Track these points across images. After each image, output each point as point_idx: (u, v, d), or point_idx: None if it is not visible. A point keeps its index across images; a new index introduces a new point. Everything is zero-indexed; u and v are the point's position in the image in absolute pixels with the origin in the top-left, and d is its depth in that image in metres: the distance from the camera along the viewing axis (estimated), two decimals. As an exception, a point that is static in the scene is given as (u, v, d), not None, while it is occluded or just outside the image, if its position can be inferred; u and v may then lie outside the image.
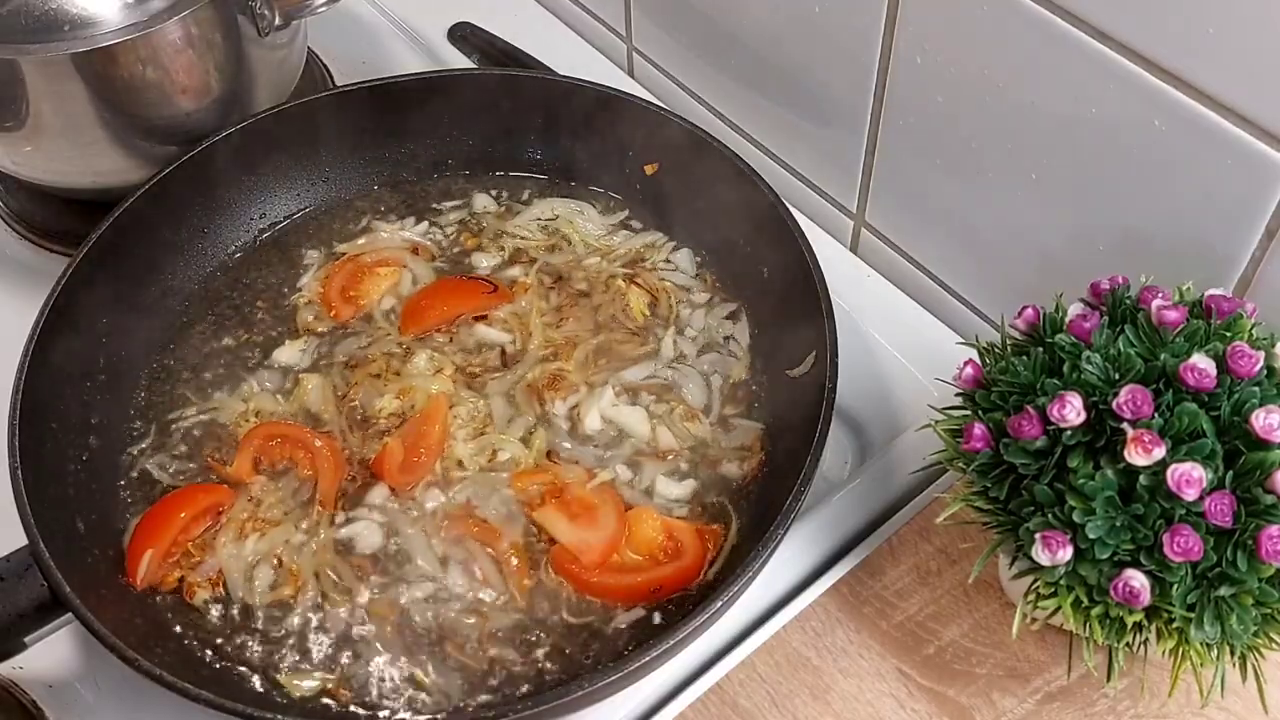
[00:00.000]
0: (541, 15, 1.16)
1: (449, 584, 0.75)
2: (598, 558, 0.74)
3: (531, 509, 0.77)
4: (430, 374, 0.83)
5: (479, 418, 0.81)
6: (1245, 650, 0.60)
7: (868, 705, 0.71)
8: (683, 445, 0.80)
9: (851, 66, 0.86)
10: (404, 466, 0.79)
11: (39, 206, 0.99)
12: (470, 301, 0.87)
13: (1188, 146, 0.68)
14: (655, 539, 0.76)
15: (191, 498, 0.78)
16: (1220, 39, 0.63)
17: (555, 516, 0.76)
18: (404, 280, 0.90)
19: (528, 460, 0.79)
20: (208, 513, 0.77)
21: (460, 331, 0.86)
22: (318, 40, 1.07)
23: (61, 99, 0.84)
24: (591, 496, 0.77)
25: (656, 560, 0.75)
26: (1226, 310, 0.63)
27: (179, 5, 0.83)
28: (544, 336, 0.85)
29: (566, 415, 0.81)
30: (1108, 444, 0.59)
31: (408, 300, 0.88)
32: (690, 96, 1.05)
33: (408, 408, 0.82)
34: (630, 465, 0.79)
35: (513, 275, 0.90)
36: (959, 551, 0.76)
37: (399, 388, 0.82)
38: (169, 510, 0.77)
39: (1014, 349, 0.66)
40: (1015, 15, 0.72)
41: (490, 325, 0.86)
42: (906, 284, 0.93)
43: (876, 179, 0.91)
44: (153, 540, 0.75)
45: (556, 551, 0.75)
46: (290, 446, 0.80)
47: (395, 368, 0.84)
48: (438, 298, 0.88)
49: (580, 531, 0.75)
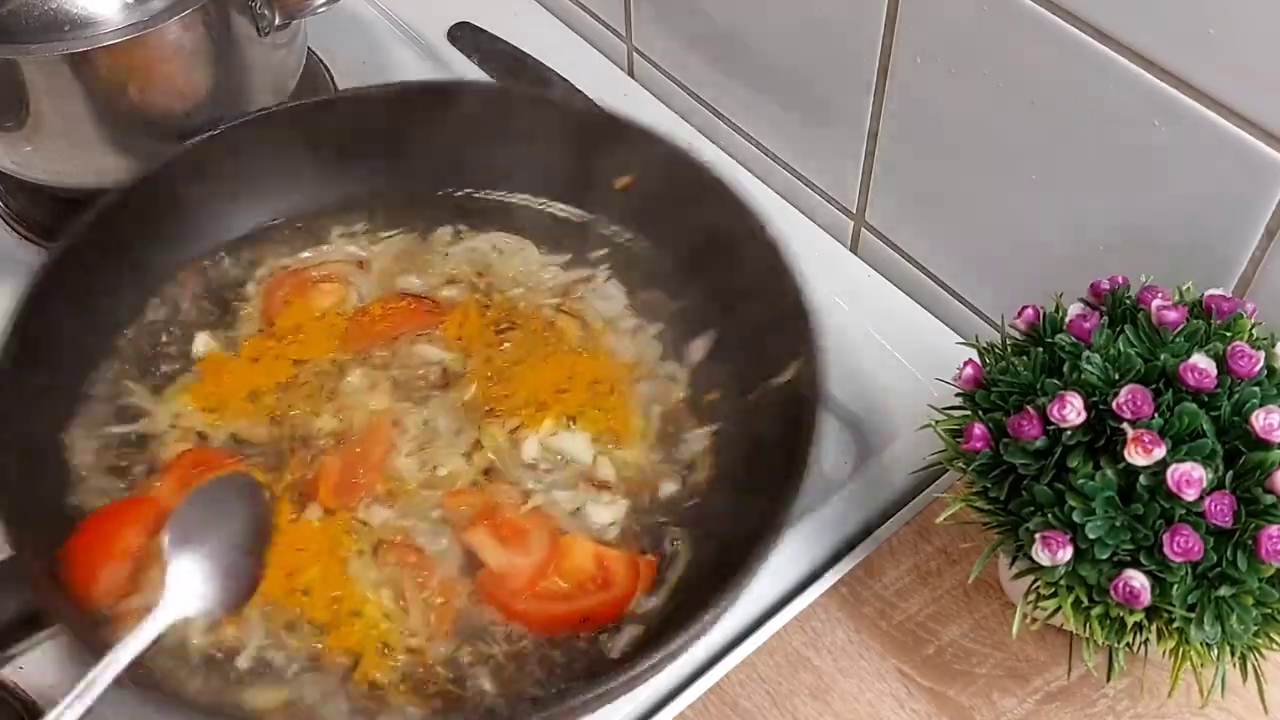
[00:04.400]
0: (542, 15, 1.15)
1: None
2: (525, 583, 0.73)
3: (461, 530, 0.75)
4: (365, 390, 0.81)
5: (423, 432, 0.79)
6: (1245, 650, 0.60)
7: (868, 705, 0.71)
8: (620, 476, 0.78)
9: (851, 66, 0.86)
10: (339, 488, 0.77)
11: (39, 206, 0.99)
12: (413, 319, 0.85)
13: (1188, 146, 0.68)
14: (585, 568, 0.74)
15: (119, 513, 0.75)
16: (1220, 39, 0.63)
17: (486, 539, 0.75)
18: (349, 297, 0.87)
19: (467, 477, 0.77)
20: (144, 529, 0.74)
21: (400, 349, 0.84)
22: (318, 40, 1.07)
23: (61, 99, 0.83)
24: (523, 521, 0.76)
25: (585, 590, 0.74)
26: (1226, 310, 0.63)
27: (179, 5, 0.83)
28: (484, 356, 0.83)
29: (507, 438, 0.79)
30: (1108, 444, 0.59)
31: (350, 316, 0.86)
32: (690, 96, 1.05)
33: (346, 426, 0.80)
34: (567, 490, 0.77)
35: (449, 295, 0.87)
36: (959, 551, 0.76)
37: (336, 406, 0.80)
38: (106, 524, 0.74)
39: (1014, 349, 0.66)
40: (1015, 15, 0.72)
41: (431, 344, 0.84)
42: (906, 284, 0.93)
43: (876, 179, 0.91)
44: (102, 558, 0.72)
45: (483, 578, 0.73)
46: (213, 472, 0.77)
47: (330, 386, 0.82)
48: (381, 315, 0.86)
49: (510, 555, 0.74)
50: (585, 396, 0.81)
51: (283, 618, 0.72)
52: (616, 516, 0.77)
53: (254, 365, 0.84)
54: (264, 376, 0.83)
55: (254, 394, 0.82)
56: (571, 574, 0.74)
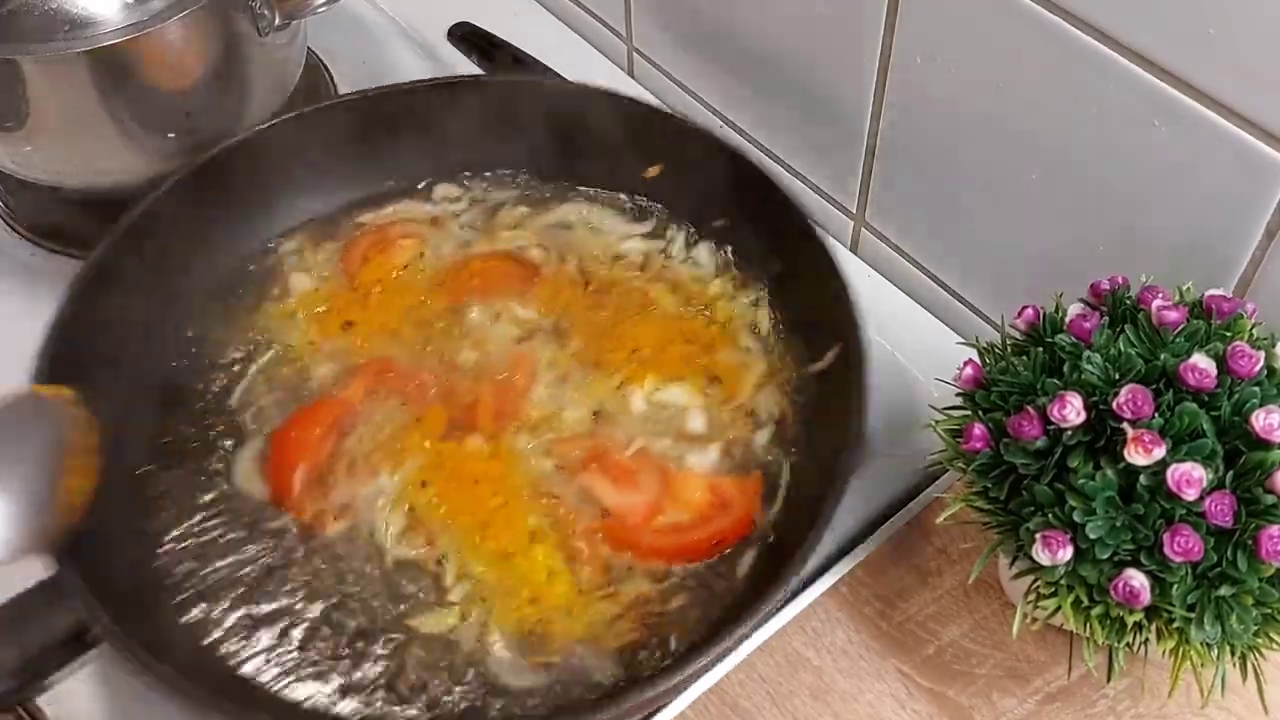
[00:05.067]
0: (542, 15, 1.16)
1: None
2: (641, 520, 0.75)
3: (573, 474, 0.78)
4: (491, 326, 0.85)
5: (561, 365, 0.82)
6: (1245, 650, 0.60)
7: (868, 705, 0.71)
8: (714, 428, 0.81)
9: (851, 66, 0.86)
10: (498, 415, 0.80)
11: (39, 206, 0.99)
12: (507, 280, 0.88)
13: (1188, 146, 0.68)
14: (701, 497, 0.76)
15: (316, 413, 0.79)
16: (1220, 39, 0.63)
17: (600, 480, 0.77)
18: (427, 252, 0.90)
19: (584, 424, 0.80)
20: (333, 427, 0.79)
21: (497, 305, 0.87)
22: (318, 40, 1.07)
23: (61, 99, 0.84)
24: (631, 462, 0.78)
25: (708, 517, 0.76)
26: (1227, 310, 0.63)
27: (179, 5, 0.83)
28: (583, 318, 0.86)
29: (614, 392, 0.82)
30: (1108, 444, 0.59)
31: (446, 269, 0.89)
32: (690, 96, 1.05)
33: (485, 359, 0.83)
34: (670, 438, 0.80)
35: (535, 258, 0.90)
36: (959, 551, 0.76)
37: (472, 340, 0.84)
38: (300, 426, 0.79)
39: (1014, 349, 0.66)
40: (1015, 15, 0.72)
41: (525, 306, 0.87)
42: (906, 284, 0.94)
43: (876, 179, 0.91)
44: (298, 457, 0.77)
45: (609, 525, 0.76)
46: (400, 382, 0.81)
47: (455, 324, 0.85)
48: (480, 269, 0.88)
49: (624, 495, 0.76)
50: (682, 353, 0.84)
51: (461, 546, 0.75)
52: (715, 459, 0.79)
53: (366, 300, 0.87)
54: (386, 312, 0.86)
55: (387, 325, 0.85)
56: (690, 505, 0.76)
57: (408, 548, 0.75)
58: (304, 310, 0.86)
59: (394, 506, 0.76)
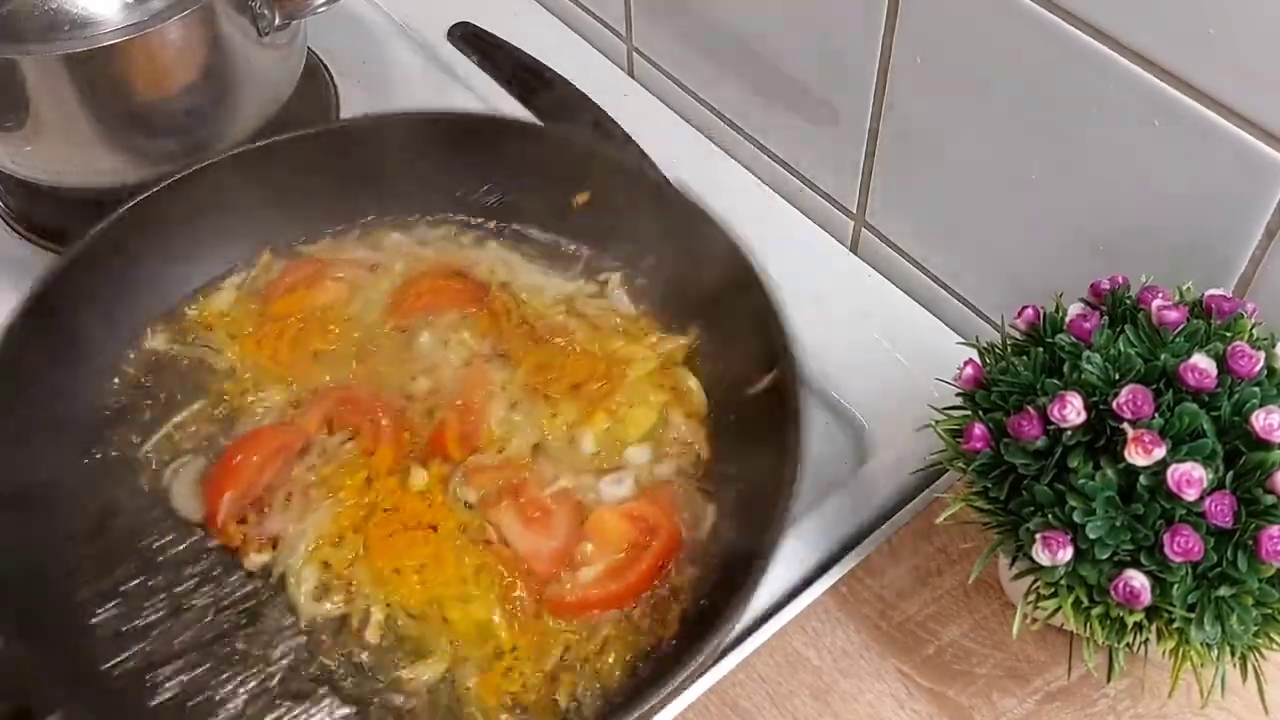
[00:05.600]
0: (542, 15, 1.16)
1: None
2: (548, 566, 0.73)
3: (486, 507, 0.75)
4: (441, 350, 0.83)
5: (512, 387, 0.81)
6: (1245, 650, 0.60)
7: (868, 705, 0.71)
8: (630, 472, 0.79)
9: (851, 66, 0.86)
10: (462, 439, 0.78)
11: (39, 206, 0.99)
12: (457, 299, 0.86)
13: (1188, 146, 0.68)
14: (626, 530, 0.75)
15: (263, 439, 0.79)
16: (1220, 39, 0.63)
17: (510, 518, 0.75)
18: (354, 301, 0.87)
19: (524, 452, 0.78)
20: (278, 454, 0.78)
21: (441, 325, 0.85)
22: (318, 40, 1.07)
23: (62, 99, 0.83)
24: (549, 501, 0.76)
25: (641, 544, 0.74)
26: (1227, 310, 0.63)
27: (179, 5, 0.83)
28: (518, 346, 0.84)
29: (565, 430, 0.80)
30: (1108, 444, 0.59)
31: (395, 290, 0.87)
32: (690, 96, 1.05)
33: (438, 385, 0.82)
34: (589, 474, 0.78)
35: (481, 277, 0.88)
36: (959, 551, 0.76)
37: (422, 366, 0.83)
38: (243, 451, 0.78)
39: (1014, 349, 0.66)
40: (1015, 15, 0.72)
41: (467, 330, 0.85)
42: (906, 284, 0.93)
43: (876, 179, 0.91)
44: (229, 483, 0.76)
45: (549, 595, 0.73)
46: (358, 415, 0.80)
47: (402, 348, 0.84)
48: (428, 289, 0.87)
49: (534, 537, 0.74)
50: (614, 389, 0.82)
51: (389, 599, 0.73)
52: (630, 489, 0.77)
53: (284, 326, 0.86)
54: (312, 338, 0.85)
55: (318, 353, 0.84)
56: (620, 541, 0.74)
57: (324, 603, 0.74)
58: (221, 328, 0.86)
59: (309, 559, 0.74)
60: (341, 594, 0.74)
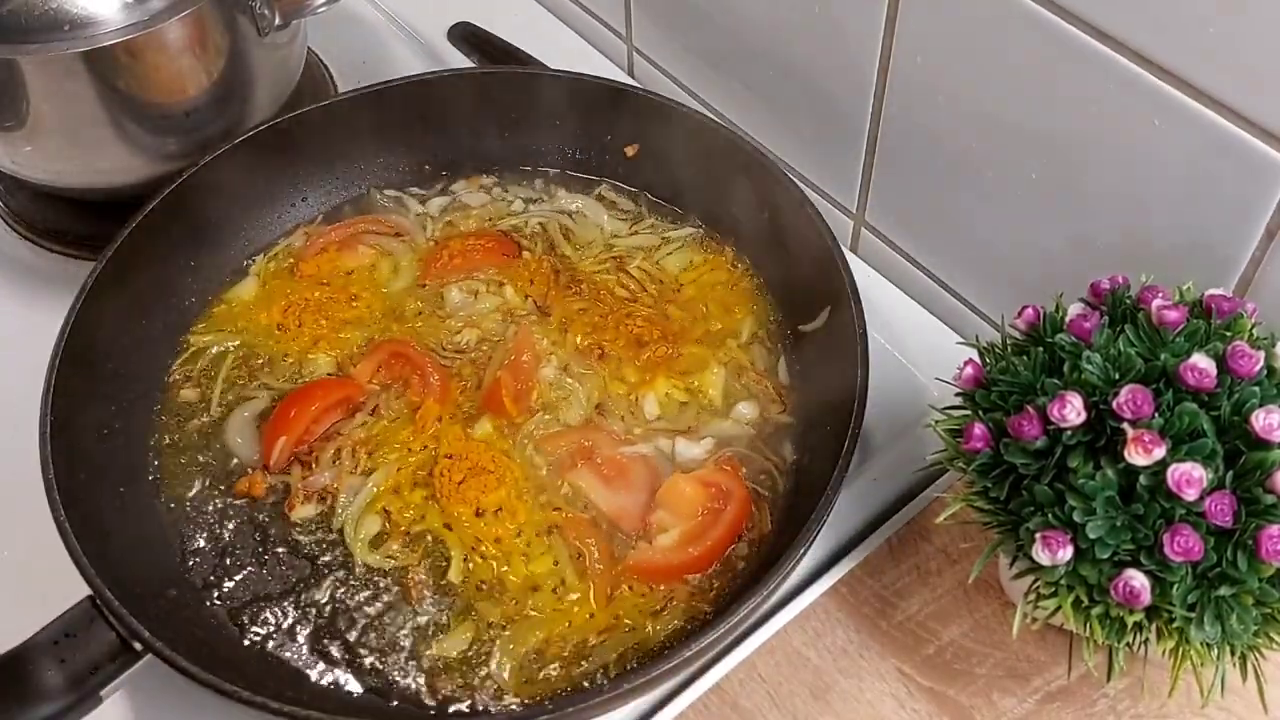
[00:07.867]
0: (542, 15, 1.16)
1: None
2: (635, 524, 0.75)
3: (563, 472, 0.77)
4: (474, 304, 0.86)
5: (561, 348, 0.83)
6: (1245, 650, 0.60)
7: (868, 705, 0.71)
8: (708, 433, 0.81)
9: (851, 66, 0.86)
10: (518, 396, 0.80)
11: (39, 206, 0.99)
12: (489, 258, 0.89)
13: (1188, 146, 0.68)
14: (700, 495, 0.76)
15: (326, 389, 0.81)
16: (1220, 39, 0.63)
17: (590, 479, 0.77)
18: (383, 267, 0.90)
19: (588, 410, 0.80)
20: (339, 405, 0.80)
21: (475, 287, 0.88)
22: (318, 40, 1.07)
23: (61, 99, 0.84)
24: (623, 459, 0.78)
25: (715, 510, 0.75)
26: (1226, 310, 0.63)
27: (179, 5, 0.83)
28: (560, 305, 0.86)
29: (628, 391, 0.82)
30: (1108, 444, 0.59)
31: (429, 250, 0.90)
32: (690, 96, 1.05)
33: (484, 337, 0.84)
34: (665, 437, 0.80)
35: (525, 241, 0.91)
36: (959, 551, 0.76)
37: (463, 321, 0.85)
38: (303, 399, 0.80)
39: (1014, 349, 0.66)
40: (1015, 15, 0.72)
41: (507, 287, 0.87)
42: (906, 284, 0.94)
43: (876, 179, 0.91)
44: (286, 428, 0.78)
45: (635, 561, 0.74)
46: (407, 368, 0.82)
47: (435, 306, 0.86)
48: (460, 250, 0.89)
49: (615, 496, 0.76)
50: (681, 349, 0.84)
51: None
52: (707, 450, 0.79)
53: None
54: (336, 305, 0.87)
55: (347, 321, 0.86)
56: (694, 506, 0.76)
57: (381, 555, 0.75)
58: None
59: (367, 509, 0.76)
60: (399, 540, 0.75)
